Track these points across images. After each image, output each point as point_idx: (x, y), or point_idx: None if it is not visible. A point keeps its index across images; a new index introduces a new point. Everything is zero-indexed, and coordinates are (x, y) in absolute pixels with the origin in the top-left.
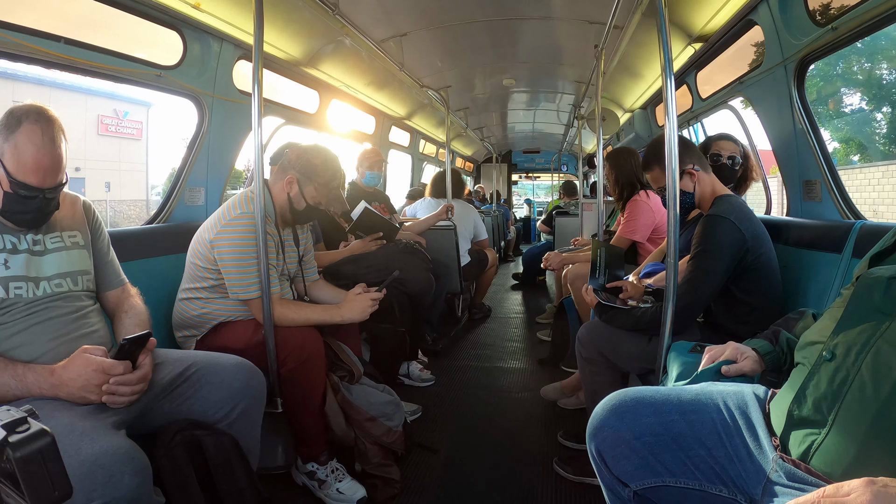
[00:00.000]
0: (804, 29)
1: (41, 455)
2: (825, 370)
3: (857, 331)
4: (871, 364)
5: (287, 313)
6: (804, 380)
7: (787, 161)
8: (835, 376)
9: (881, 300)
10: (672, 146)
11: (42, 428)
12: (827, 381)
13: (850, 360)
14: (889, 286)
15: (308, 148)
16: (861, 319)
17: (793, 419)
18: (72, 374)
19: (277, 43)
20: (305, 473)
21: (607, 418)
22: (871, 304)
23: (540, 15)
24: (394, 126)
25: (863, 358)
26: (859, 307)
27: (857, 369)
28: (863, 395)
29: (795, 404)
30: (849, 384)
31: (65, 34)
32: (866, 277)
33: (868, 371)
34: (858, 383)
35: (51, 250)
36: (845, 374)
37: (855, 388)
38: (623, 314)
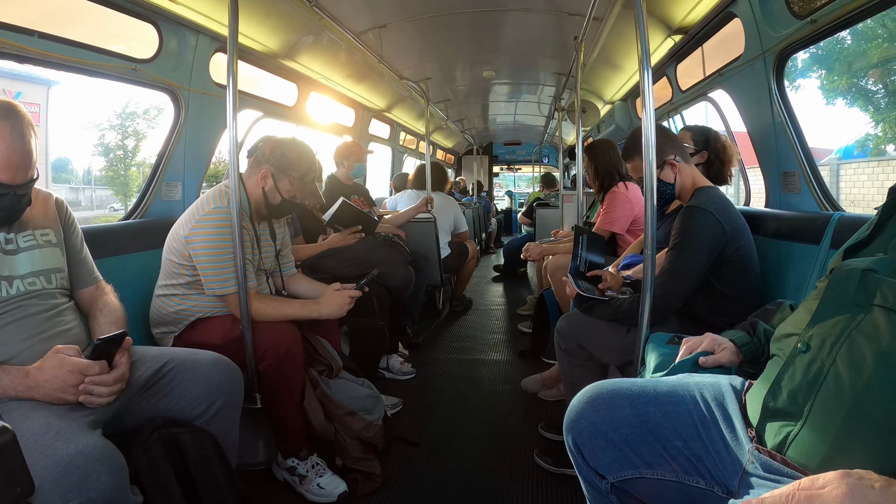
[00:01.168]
0: (783, 21)
1: (3, 452)
2: (800, 362)
3: (832, 322)
4: (845, 356)
5: (264, 308)
6: (779, 371)
7: (765, 153)
8: (809, 368)
9: (855, 292)
10: (650, 138)
11: (3, 425)
12: (802, 372)
13: (824, 352)
14: (863, 278)
15: (283, 141)
16: (836, 311)
17: (768, 410)
18: (47, 376)
19: (254, 35)
20: (286, 469)
21: (584, 411)
22: (845, 297)
23: (520, 6)
24: (374, 118)
25: (837, 349)
26: (834, 299)
27: (832, 361)
28: (838, 386)
29: (770, 396)
30: (823, 376)
31: (38, 28)
32: (840, 270)
33: (843, 363)
34: (833, 375)
35: (23, 248)
36: (820, 366)
37: (830, 379)
38: (602, 305)
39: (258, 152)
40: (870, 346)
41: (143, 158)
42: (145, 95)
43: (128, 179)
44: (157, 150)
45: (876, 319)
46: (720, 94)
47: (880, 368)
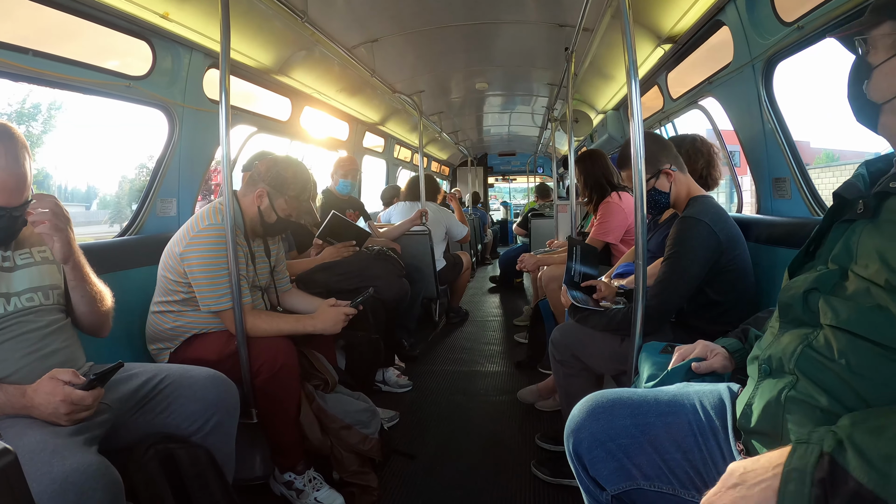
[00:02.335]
0: (771, 28)
1: (4, 473)
2: (766, 384)
3: (788, 339)
4: (802, 373)
5: (259, 324)
6: (749, 395)
7: (756, 159)
8: (773, 388)
9: (802, 313)
10: (638, 149)
11: (5, 447)
12: (769, 393)
13: (786, 370)
14: (805, 299)
15: (278, 160)
16: (790, 328)
17: (746, 431)
18: (41, 400)
19: (247, 51)
20: (283, 483)
21: (584, 420)
22: (795, 318)
23: (511, 19)
24: (368, 132)
25: (794, 367)
26: (785, 323)
27: (795, 378)
28: (801, 404)
29: (744, 419)
30: (785, 395)
31: (33, 46)
32: (784, 294)
33: (803, 380)
34: (798, 392)
35: (20, 266)
36: (783, 385)
37: (793, 398)
38: (596, 315)
39: (253, 171)
40: (825, 362)
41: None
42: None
43: None
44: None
45: (827, 338)
46: (711, 101)
47: (838, 384)
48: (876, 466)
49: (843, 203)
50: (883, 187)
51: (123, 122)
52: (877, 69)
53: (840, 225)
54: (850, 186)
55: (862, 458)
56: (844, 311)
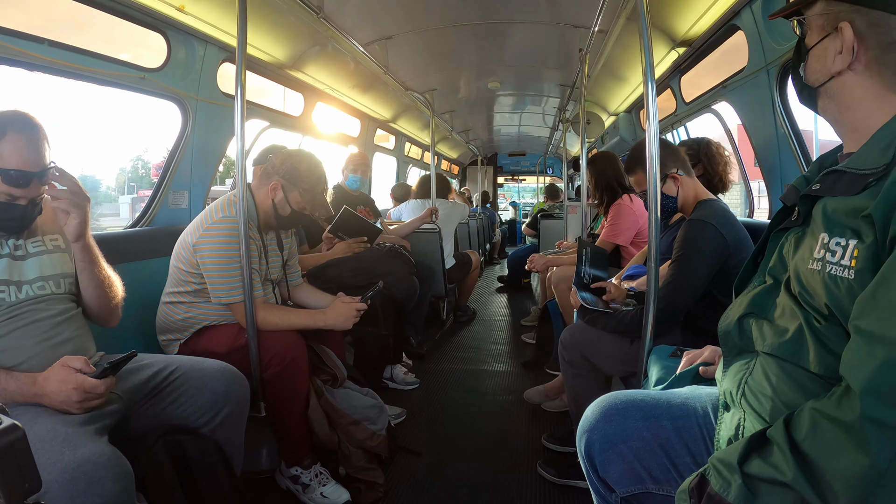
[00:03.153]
0: (787, 34)
1: (13, 448)
2: (727, 418)
3: (732, 374)
4: (747, 405)
5: (270, 317)
6: (716, 428)
7: (769, 164)
8: (731, 422)
9: (740, 340)
10: (653, 151)
11: (13, 423)
12: (728, 427)
13: (737, 405)
14: (740, 326)
15: (292, 153)
16: (732, 361)
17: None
18: (52, 388)
19: (261, 45)
20: (289, 477)
21: (597, 421)
22: (735, 348)
23: (525, 19)
24: (379, 129)
25: (742, 401)
26: (730, 352)
27: (743, 412)
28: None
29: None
30: (742, 427)
31: (49, 36)
32: (722, 323)
33: (749, 411)
34: (748, 426)
35: (32, 254)
36: (739, 418)
37: (745, 430)
38: (606, 317)
39: (267, 164)
40: (761, 391)
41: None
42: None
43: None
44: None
45: (762, 363)
46: (724, 106)
47: (773, 411)
48: (721, 473)
49: (785, 210)
50: (808, 189)
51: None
52: (810, 51)
53: (776, 234)
54: (790, 192)
55: (716, 468)
56: (770, 337)
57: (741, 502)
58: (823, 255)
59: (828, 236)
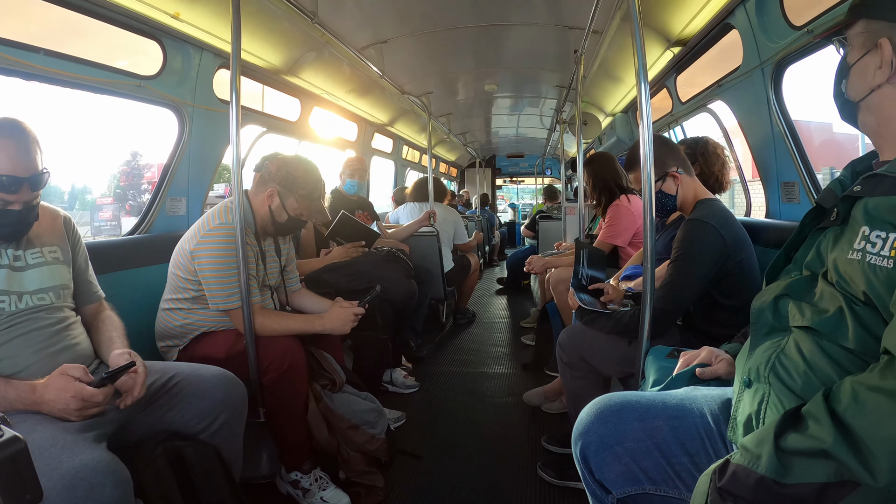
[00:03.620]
0: (780, 32)
1: (14, 460)
2: (747, 396)
3: (762, 350)
4: (776, 380)
5: (268, 323)
6: (733, 407)
7: (765, 163)
8: (753, 398)
9: (773, 319)
10: (647, 152)
11: (15, 435)
12: (749, 404)
13: (762, 381)
14: (775, 305)
15: (288, 159)
16: (763, 339)
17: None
18: (51, 396)
19: (257, 51)
20: (289, 482)
21: (592, 423)
22: (767, 325)
23: (520, 21)
24: (376, 133)
25: (769, 376)
26: (759, 329)
27: (769, 386)
28: (777, 411)
29: (731, 431)
30: (765, 403)
31: (44, 45)
32: (757, 301)
33: (776, 386)
34: (772, 401)
35: (32, 265)
36: (762, 394)
37: (771, 406)
38: (603, 318)
39: (264, 171)
40: (793, 366)
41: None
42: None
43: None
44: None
45: (796, 338)
46: (720, 105)
47: (805, 384)
48: (750, 450)
49: (822, 211)
50: (849, 191)
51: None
52: (852, 68)
53: (815, 232)
54: (827, 195)
55: (743, 449)
56: (809, 313)
57: (773, 473)
58: (864, 245)
59: (868, 229)
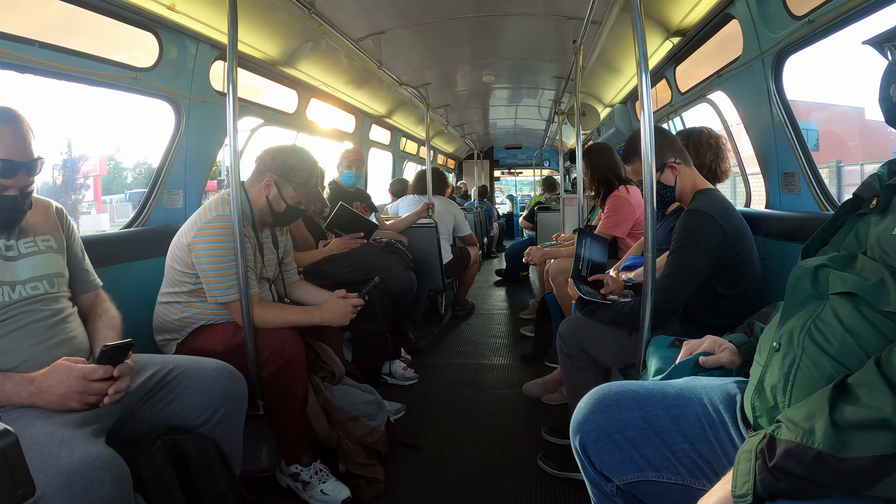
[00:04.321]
0: (781, 22)
1: (4, 454)
2: (776, 360)
3: (797, 318)
4: (811, 344)
5: (266, 315)
6: (761, 372)
7: (765, 153)
8: (783, 362)
9: (811, 287)
10: (648, 142)
11: (5, 428)
12: (778, 368)
13: (794, 345)
14: (815, 274)
15: (283, 149)
16: (799, 307)
17: (757, 410)
18: (52, 381)
19: (253, 42)
20: (289, 475)
21: (591, 412)
22: (804, 293)
23: (518, 11)
24: (374, 124)
25: (803, 340)
26: (795, 297)
27: (802, 350)
28: (808, 373)
29: (756, 395)
30: (796, 366)
31: (39, 37)
32: (797, 270)
33: (810, 351)
34: (804, 364)
35: (24, 255)
36: (792, 358)
37: (802, 369)
38: (603, 308)
39: (259, 162)
40: (830, 330)
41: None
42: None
43: None
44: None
45: (833, 306)
46: (720, 95)
47: (842, 347)
48: (799, 425)
49: (860, 200)
50: (892, 181)
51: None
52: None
53: (853, 218)
54: (866, 186)
55: (790, 424)
56: (851, 280)
57: (831, 448)
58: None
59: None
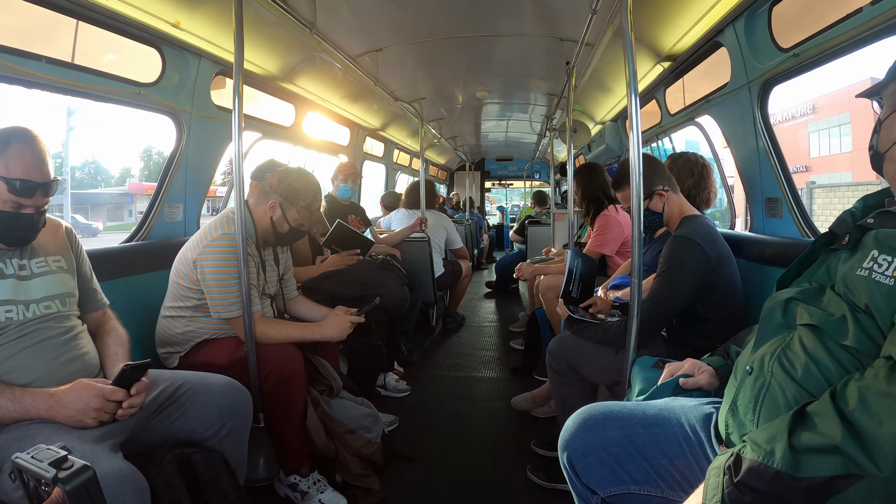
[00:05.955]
0: (768, 53)
1: (86, 487)
2: (748, 382)
3: (768, 344)
4: (779, 370)
5: (268, 331)
6: (734, 393)
7: (750, 178)
8: (754, 385)
9: (782, 318)
10: (636, 164)
11: (84, 464)
12: (750, 390)
13: (765, 370)
14: (786, 306)
15: (289, 172)
16: (770, 335)
17: (728, 427)
18: (72, 397)
19: (254, 59)
20: (288, 485)
21: (577, 431)
22: (776, 323)
23: (513, 32)
24: (368, 137)
25: (772, 365)
26: (768, 326)
27: (771, 375)
28: (775, 396)
29: (730, 414)
30: (765, 389)
31: (46, 53)
32: (770, 302)
33: (778, 375)
34: (773, 387)
35: (37, 274)
36: (762, 382)
37: (770, 392)
38: (591, 328)
39: (265, 183)
40: (797, 358)
41: None
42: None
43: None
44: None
45: (800, 335)
46: (707, 118)
47: (806, 374)
48: (762, 446)
49: (834, 236)
50: (863, 222)
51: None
52: (883, 123)
53: (827, 252)
54: (840, 222)
55: (754, 445)
56: (817, 315)
57: (788, 468)
58: (871, 265)
59: (877, 252)
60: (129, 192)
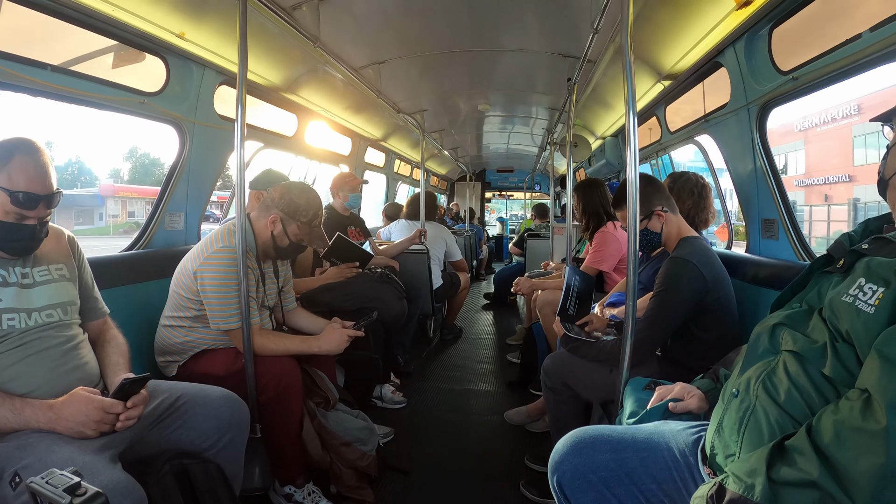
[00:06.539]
0: (767, 75)
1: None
2: (734, 405)
3: (754, 368)
4: (763, 393)
5: (266, 343)
6: (721, 415)
7: (747, 199)
8: (740, 408)
9: (769, 342)
10: (633, 183)
11: (97, 490)
12: (735, 412)
13: (750, 393)
14: (772, 331)
15: (290, 187)
16: (757, 359)
17: (714, 448)
18: (72, 409)
19: (258, 70)
20: (283, 496)
21: (567, 454)
22: (762, 347)
23: (516, 47)
24: (370, 147)
25: (757, 388)
26: (755, 350)
27: (756, 398)
28: (758, 420)
29: (716, 436)
30: (750, 412)
31: (51, 61)
32: (758, 327)
33: (762, 398)
34: (757, 410)
35: (39, 283)
36: (747, 405)
37: (754, 415)
38: (586, 346)
39: (266, 197)
40: (780, 383)
41: None
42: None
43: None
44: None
45: (785, 360)
46: (706, 137)
47: (788, 399)
48: (742, 480)
49: (831, 258)
50: (857, 247)
51: None
52: (890, 150)
53: (820, 275)
54: (837, 246)
55: (735, 478)
56: (800, 342)
57: (767, 502)
58: (857, 293)
59: (864, 280)
60: (100, 194)
